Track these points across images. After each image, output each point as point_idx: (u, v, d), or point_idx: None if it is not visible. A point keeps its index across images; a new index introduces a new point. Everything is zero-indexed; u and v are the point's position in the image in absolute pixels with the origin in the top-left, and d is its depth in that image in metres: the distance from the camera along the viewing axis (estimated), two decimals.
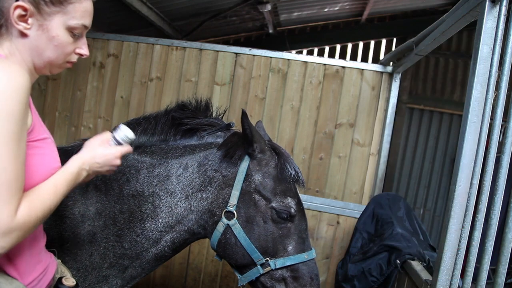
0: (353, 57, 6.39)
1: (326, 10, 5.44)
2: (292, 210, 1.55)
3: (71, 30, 1.06)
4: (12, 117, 0.86)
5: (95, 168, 1.16)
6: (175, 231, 1.56)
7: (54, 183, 1.03)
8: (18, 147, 0.88)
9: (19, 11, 0.98)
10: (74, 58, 1.12)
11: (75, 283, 1.19)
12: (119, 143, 1.22)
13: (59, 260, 1.23)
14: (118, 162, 1.20)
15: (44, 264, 1.10)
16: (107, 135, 1.23)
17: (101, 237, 1.49)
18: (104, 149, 1.18)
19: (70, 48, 1.08)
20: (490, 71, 1.43)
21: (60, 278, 1.17)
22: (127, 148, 1.24)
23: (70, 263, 1.41)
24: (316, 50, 6.50)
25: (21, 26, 1.00)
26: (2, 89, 0.86)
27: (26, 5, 0.98)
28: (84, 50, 1.12)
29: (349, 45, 6.47)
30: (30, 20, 1.00)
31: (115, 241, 1.50)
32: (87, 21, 1.09)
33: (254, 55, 3.30)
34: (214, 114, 1.69)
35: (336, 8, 5.43)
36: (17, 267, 1.00)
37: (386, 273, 2.29)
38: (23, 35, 1.02)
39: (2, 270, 0.99)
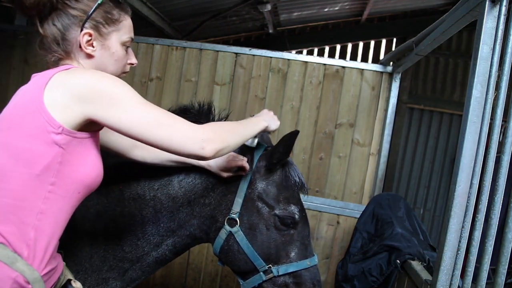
0: (353, 57, 6.39)
1: (326, 10, 5.44)
2: (296, 217, 1.54)
3: (124, 44, 1.24)
4: (132, 90, 1.11)
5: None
6: (177, 235, 1.55)
7: (245, 128, 1.35)
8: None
9: (86, 38, 1.16)
10: (127, 68, 1.30)
11: (81, 286, 1.25)
12: None
13: (64, 263, 1.25)
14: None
15: (56, 261, 1.14)
16: (268, 111, 1.56)
17: (101, 239, 1.48)
18: (274, 121, 1.55)
19: (125, 60, 1.27)
20: (490, 71, 1.42)
21: (69, 280, 1.22)
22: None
23: (69, 265, 1.41)
24: (316, 50, 6.49)
25: (89, 49, 1.18)
26: (110, 77, 1.09)
27: (90, 31, 1.16)
28: (134, 60, 1.31)
29: (349, 45, 6.47)
30: (94, 43, 1.18)
31: (115, 244, 1.49)
32: (133, 34, 1.28)
33: (254, 55, 3.29)
34: (216, 118, 1.67)
35: (336, 8, 5.44)
36: (36, 258, 1.04)
37: (386, 273, 2.29)
38: (90, 56, 1.19)
39: (23, 258, 1.02)
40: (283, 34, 6.20)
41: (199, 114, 1.62)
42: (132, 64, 1.31)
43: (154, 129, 1.09)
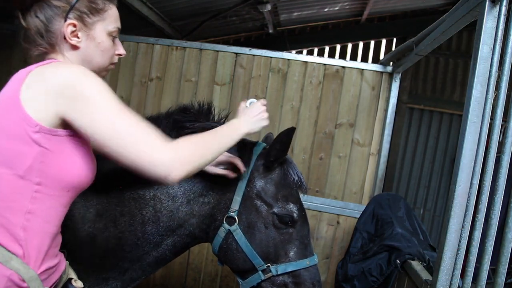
0: (353, 57, 6.38)
1: (326, 10, 5.44)
2: (294, 216, 1.54)
3: (110, 34, 1.21)
4: (110, 92, 1.04)
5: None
6: (177, 235, 1.55)
7: (220, 141, 1.23)
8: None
9: (70, 29, 1.13)
10: (115, 59, 1.27)
11: (82, 285, 1.24)
12: None
13: (67, 262, 1.25)
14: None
15: (56, 260, 1.13)
16: (260, 106, 1.49)
17: (101, 239, 1.48)
18: (259, 122, 1.47)
19: (112, 51, 1.24)
20: (490, 71, 1.43)
21: (70, 279, 1.21)
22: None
23: (70, 264, 1.41)
24: (316, 50, 6.49)
25: (74, 40, 1.14)
26: (90, 75, 1.03)
27: (74, 21, 1.13)
28: (122, 50, 1.27)
29: (349, 45, 6.46)
30: (79, 34, 1.15)
31: (115, 244, 1.49)
32: (119, 24, 1.24)
33: (254, 55, 3.30)
34: (216, 118, 1.66)
35: (336, 8, 5.43)
36: (30, 257, 1.03)
37: (386, 273, 2.29)
38: (75, 48, 1.16)
39: (18, 257, 1.01)
40: (283, 34, 6.19)
41: (198, 114, 1.62)
42: (121, 55, 1.27)
43: (117, 141, 1.01)
